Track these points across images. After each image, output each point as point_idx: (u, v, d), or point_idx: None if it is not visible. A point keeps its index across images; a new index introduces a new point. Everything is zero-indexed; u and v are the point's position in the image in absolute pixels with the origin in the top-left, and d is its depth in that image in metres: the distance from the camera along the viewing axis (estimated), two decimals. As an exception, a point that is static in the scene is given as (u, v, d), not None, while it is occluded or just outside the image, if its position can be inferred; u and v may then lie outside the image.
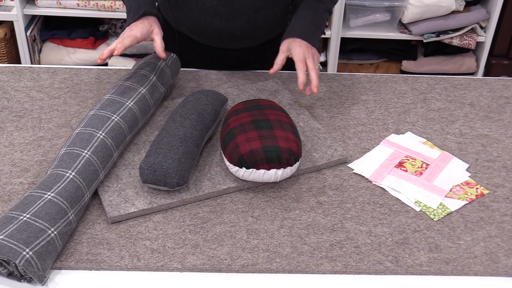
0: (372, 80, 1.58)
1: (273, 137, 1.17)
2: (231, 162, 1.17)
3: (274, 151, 1.15)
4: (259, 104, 1.27)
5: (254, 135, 1.17)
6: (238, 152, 1.15)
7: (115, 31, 2.80)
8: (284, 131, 1.19)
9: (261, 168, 1.15)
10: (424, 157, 1.30)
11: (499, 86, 1.59)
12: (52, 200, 1.05)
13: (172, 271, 1.03)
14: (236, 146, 1.16)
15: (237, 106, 1.28)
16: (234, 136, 1.18)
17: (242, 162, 1.15)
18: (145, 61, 1.41)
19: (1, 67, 1.56)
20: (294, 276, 1.04)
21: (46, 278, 0.99)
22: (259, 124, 1.19)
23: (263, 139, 1.16)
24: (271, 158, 1.15)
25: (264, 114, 1.23)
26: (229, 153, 1.17)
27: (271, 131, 1.18)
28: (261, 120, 1.21)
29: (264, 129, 1.18)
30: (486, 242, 1.11)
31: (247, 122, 1.20)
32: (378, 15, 2.75)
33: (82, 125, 1.20)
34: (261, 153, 1.15)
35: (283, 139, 1.17)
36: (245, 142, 1.16)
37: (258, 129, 1.18)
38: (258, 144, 1.15)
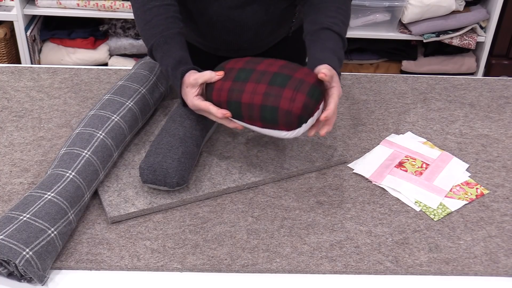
0: (372, 80, 1.58)
1: (302, 81, 1.13)
2: (291, 128, 1.13)
3: (315, 89, 1.13)
4: (241, 68, 1.20)
5: (290, 92, 1.12)
6: (294, 115, 1.11)
7: (115, 31, 2.79)
8: (296, 70, 1.16)
9: (314, 112, 1.13)
10: (424, 157, 1.30)
11: (499, 86, 1.59)
12: (52, 200, 1.05)
13: (172, 271, 1.03)
14: (288, 113, 1.11)
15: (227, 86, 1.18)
16: (276, 106, 1.12)
17: (301, 120, 1.12)
18: (145, 61, 1.41)
19: (1, 67, 1.56)
20: (294, 276, 1.04)
21: (46, 278, 0.99)
22: (278, 81, 1.14)
23: (300, 89, 1.12)
24: (318, 97, 1.13)
25: (264, 72, 1.17)
26: (285, 122, 1.12)
27: (293, 78, 1.14)
28: (273, 77, 1.15)
29: (287, 81, 1.14)
30: (486, 242, 1.11)
31: (267, 88, 1.14)
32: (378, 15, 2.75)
33: (82, 125, 1.21)
34: (310, 100, 1.12)
35: (306, 76, 1.15)
36: (292, 102, 1.11)
37: (285, 86, 1.13)
38: (302, 95, 1.12)
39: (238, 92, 1.16)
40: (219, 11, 1.39)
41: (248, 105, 1.14)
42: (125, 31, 2.79)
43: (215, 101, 1.18)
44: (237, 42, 1.47)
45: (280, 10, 1.43)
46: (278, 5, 1.42)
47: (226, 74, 1.19)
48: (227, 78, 1.18)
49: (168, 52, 1.24)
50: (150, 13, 1.26)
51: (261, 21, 1.42)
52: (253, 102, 1.13)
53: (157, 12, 1.26)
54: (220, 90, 1.18)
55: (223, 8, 1.38)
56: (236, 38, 1.45)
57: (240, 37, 1.45)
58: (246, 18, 1.40)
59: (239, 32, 1.43)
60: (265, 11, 1.41)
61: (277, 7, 1.42)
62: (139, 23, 1.28)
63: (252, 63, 1.20)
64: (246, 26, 1.42)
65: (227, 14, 1.39)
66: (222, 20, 1.41)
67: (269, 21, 1.44)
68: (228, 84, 1.17)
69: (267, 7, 1.40)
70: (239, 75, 1.18)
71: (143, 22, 1.27)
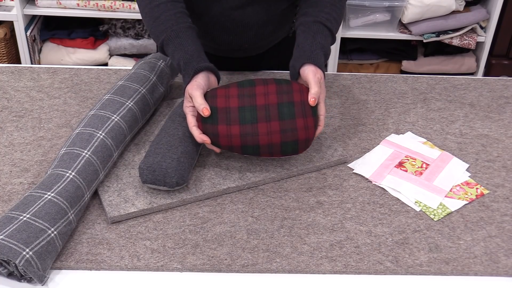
0: (372, 80, 1.58)
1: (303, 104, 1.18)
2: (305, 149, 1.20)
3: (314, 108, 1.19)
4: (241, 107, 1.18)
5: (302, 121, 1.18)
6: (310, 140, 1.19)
7: (115, 31, 2.80)
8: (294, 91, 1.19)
9: None
10: (424, 157, 1.30)
11: (499, 86, 1.59)
12: (52, 200, 1.05)
13: (172, 271, 1.03)
14: (307, 140, 1.18)
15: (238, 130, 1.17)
16: (295, 140, 1.17)
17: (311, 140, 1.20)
18: (145, 61, 1.41)
19: (1, 67, 1.56)
20: (294, 276, 1.04)
21: (46, 278, 0.99)
22: (287, 113, 1.17)
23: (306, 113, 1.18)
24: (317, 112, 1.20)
25: (270, 106, 1.18)
26: (303, 149, 1.19)
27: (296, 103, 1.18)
28: (280, 109, 1.17)
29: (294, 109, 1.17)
30: (486, 242, 1.11)
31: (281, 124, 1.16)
32: (378, 15, 2.75)
33: (82, 125, 1.21)
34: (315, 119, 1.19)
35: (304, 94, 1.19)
36: (306, 131, 1.17)
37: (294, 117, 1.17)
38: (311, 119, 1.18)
39: (252, 136, 1.16)
40: (220, 11, 1.39)
41: (268, 145, 1.16)
42: (125, 31, 2.79)
43: (223, 146, 1.18)
44: (238, 42, 1.47)
45: (281, 10, 1.43)
46: (278, 5, 1.42)
47: (225, 115, 1.17)
48: (231, 121, 1.16)
49: (180, 45, 1.23)
50: (158, 9, 1.27)
51: (262, 21, 1.43)
52: (272, 142, 1.16)
53: (165, 8, 1.26)
54: (229, 136, 1.16)
55: (224, 8, 1.38)
56: (237, 38, 1.45)
57: (240, 37, 1.45)
58: (247, 18, 1.40)
59: (240, 32, 1.43)
60: (265, 11, 1.41)
61: (277, 7, 1.42)
62: (148, 20, 1.29)
63: (247, 97, 1.18)
64: (246, 26, 1.42)
65: (228, 14, 1.39)
66: (223, 20, 1.41)
67: (269, 21, 1.44)
68: (236, 129, 1.16)
69: (267, 7, 1.40)
70: (243, 116, 1.17)
71: (151, 19, 1.28)
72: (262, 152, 1.17)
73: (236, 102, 1.18)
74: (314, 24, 1.29)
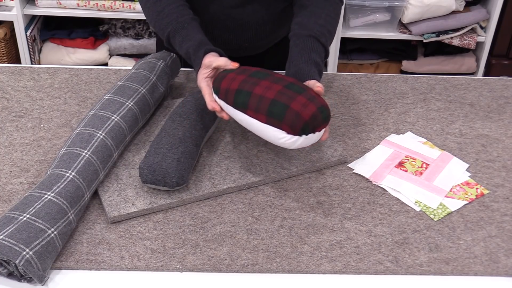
0: (372, 80, 1.58)
1: (314, 98, 1.12)
2: (292, 132, 1.10)
3: (325, 110, 1.12)
4: (258, 70, 1.19)
5: (304, 99, 1.11)
6: (302, 119, 1.08)
7: (115, 31, 2.80)
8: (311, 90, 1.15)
9: (317, 130, 1.11)
10: (424, 157, 1.30)
11: (499, 86, 1.59)
12: (52, 200, 1.05)
13: (172, 271, 1.03)
14: (297, 114, 1.08)
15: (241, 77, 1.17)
16: (287, 104, 1.10)
17: (305, 128, 1.09)
18: (145, 61, 1.41)
19: (1, 67, 1.56)
20: (294, 276, 1.04)
21: (46, 278, 0.99)
22: (294, 88, 1.13)
23: (312, 102, 1.11)
24: (325, 118, 1.12)
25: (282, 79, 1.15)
26: (290, 122, 1.08)
27: (307, 92, 1.13)
28: (290, 84, 1.14)
29: (302, 92, 1.12)
30: (486, 242, 1.11)
31: (282, 88, 1.12)
32: (378, 15, 2.75)
33: (82, 125, 1.21)
34: (319, 115, 1.10)
35: (319, 97, 1.14)
36: (303, 107, 1.10)
37: (300, 93, 1.12)
38: (313, 107, 1.10)
39: (252, 84, 1.13)
40: (219, 10, 1.39)
41: (259, 96, 1.11)
42: (125, 31, 2.79)
43: (222, 87, 1.16)
44: (238, 41, 1.47)
45: (280, 9, 1.43)
46: (278, 5, 1.42)
47: (241, 70, 1.18)
48: (243, 73, 1.17)
49: (188, 36, 1.26)
50: (160, 3, 1.29)
51: (261, 20, 1.43)
52: (265, 95, 1.11)
53: (167, 2, 1.29)
54: (233, 79, 1.16)
55: (224, 7, 1.38)
56: (237, 37, 1.45)
57: (240, 36, 1.45)
58: (246, 17, 1.41)
59: (240, 31, 1.43)
60: (265, 10, 1.41)
61: (277, 7, 1.42)
62: (151, 14, 1.31)
63: (269, 71, 1.18)
64: (246, 25, 1.42)
65: (227, 13, 1.39)
66: (223, 19, 1.41)
67: (269, 21, 1.44)
68: (242, 77, 1.16)
69: (267, 6, 1.40)
70: (256, 74, 1.16)
71: (155, 13, 1.30)
72: (251, 102, 1.11)
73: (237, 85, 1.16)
74: (308, 39, 1.28)
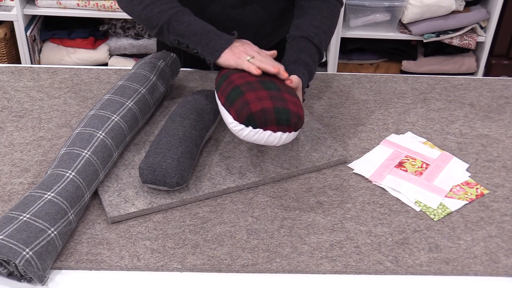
0: (372, 80, 1.58)
1: (283, 99, 1.13)
2: (238, 119, 1.11)
3: (285, 113, 1.11)
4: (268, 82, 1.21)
5: (264, 94, 1.12)
6: (248, 109, 1.10)
7: (115, 31, 2.80)
8: (291, 95, 1.16)
9: (268, 129, 1.10)
10: (424, 157, 1.30)
11: (499, 86, 1.59)
12: (52, 200, 1.05)
13: (172, 271, 1.03)
14: (246, 103, 1.10)
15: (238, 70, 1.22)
16: (243, 92, 1.12)
17: (250, 120, 1.10)
18: (145, 61, 1.41)
19: (1, 67, 1.56)
20: (294, 276, 1.04)
21: (46, 278, 0.99)
22: (267, 85, 1.15)
23: (274, 100, 1.12)
24: (281, 119, 1.10)
25: (268, 76, 1.19)
26: (237, 110, 1.11)
27: (279, 93, 1.14)
28: (268, 81, 1.16)
29: (273, 90, 1.14)
30: (486, 242, 1.11)
31: (254, 81, 1.16)
32: (378, 15, 2.75)
33: (82, 125, 1.21)
34: (272, 113, 1.10)
35: (291, 102, 1.13)
36: (256, 100, 1.11)
37: (267, 89, 1.14)
38: (269, 103, 1.11)
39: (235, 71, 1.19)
40: (219, 10, 1.39)
41: (230, 81, 1.16)
42: (125, 31, 2.79)
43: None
44: None
45: (280, 9, 1.43)
46: (277, 5, 1.42)
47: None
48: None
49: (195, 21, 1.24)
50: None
51: (261, 20, 1.43)
52: (235, 81, 1.16)
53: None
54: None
55: (223, 7, 1.38)
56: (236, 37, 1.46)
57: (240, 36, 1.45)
58: (246, 17, 1.41)
59: (239, 31, 1.43)
60: (265, 10, 1.41)
61: (276, 7, 1.42)
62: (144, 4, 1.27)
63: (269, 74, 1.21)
64: (246, 25, 1.42)
65: (227, 13, 1.39)
66: (222, 20, 1.41)
67: (269, 21, 1.44)
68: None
69: (267, 7, 1.40)
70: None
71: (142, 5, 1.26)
72: (222, 85, 1.17)
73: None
74: (301, 40, 1.29)
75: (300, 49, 1.28)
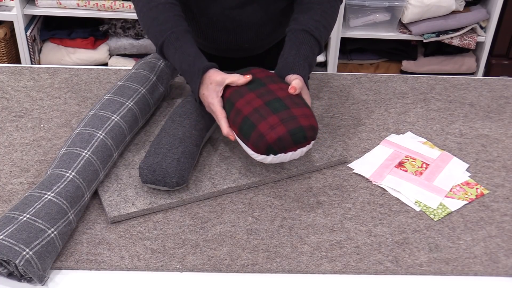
0: (372, 80, 1.58)
1: (294, 118, 1.14)
2: (257, 151, 1.14)
3: (300, 132, 1.13)
4: (258, 78, 1.22)
5: (276, 120, 1.13)
6: (265, 142, 1.12)
7: (115, 31, 2.80)
8: (299, 107, 1.16)
9: (289, 151, 1.14)
10: (424, 157, 1.30)
11: (499, 86, 1.59)
12: (52, 200, 1.05)
13: (172, 271, 1.03)
14: (261, 136, 1.13)
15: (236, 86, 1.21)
16: (255, 125, 1.14)
17: (270, 150, 1.13)
18: (145, 61, 1.41)
19: (1, 67, 1.56)
20: (294, 276, 1.04)
21: (46, 278, 0.99)
22: (274, 106, 1.15)
23: (286, 123, 1.13)
24: (298, 140, 1.13)
25: (271, 92, 1.18)
26: (254, 143, 1.14)
27: (288, 111, 1.15)
28: (273, 100, 1.16)
29: (281, 110, 1.15)
30: (486, 242, 1.11)
31: (260, 106, 1.16)
32: (378, 15, 2.75)
33: (82, 125, 1.21)
34: (288, 138, 1.12)
35: (302, 117, 1.14)
36: (270, 130, 1.12)
37: (276, 112, 1.14)
38: (283, 129, 1.12)
39: (238, 95, 1.18)
40: (219, 11, 1.39)
41: (238, 110, 1.16)
42: (125, 31, 2.79)
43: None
44: (238, 42, 1.47)
45: (280, 9, 1.43)
46: (277, 5, 1.42)
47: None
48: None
49: (181, 48, 1.23)
50: (156, 10, 1.26)
51: (261, 20, 1.43)
52: (242, 110, 1.16)
53: (163, 9, 1.26)
54: (228, 87, 1.20)
55: (223, 8, 1.38)
56: (236, 38, 1.45)
57: (240, 37, 1.45)
58: (246, 17, 1.40)
59: (239, 32, 1.43)
60: (265, 10, 1.41)
61: (276, 7, 1.42)
62: (146, 20, 1.28)
63: (270, 79, 1.21)
64: (246, 26, 1.42)
65: (227, 14, 1.39)
66: (222, 20, 1.41)
67: (269, 21, 1.44)
68: (237, 86, 1.20)
69: (267, 7, 1.40)
70: (251, 82, 1.20)
71: (149, 20, 1.27)
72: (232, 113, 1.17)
73: (262, 76, 1.21)
74: (301, 33, 1.29)
75: (300, 42, 1.28)
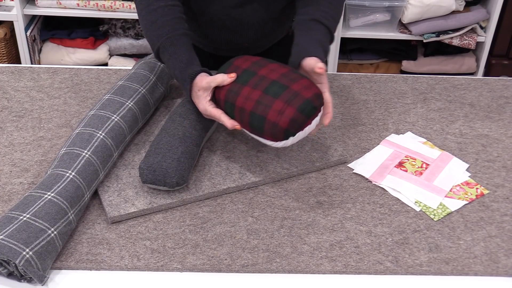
0: (372, 80, 1.58)
1: (296, 94, 1.13)
2: (276, 139, 1.14)
3: (308, 105, 1.12)
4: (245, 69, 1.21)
5: (280, 104, 1.13)
6: (280, 128, 1.12)
7: (115, 31, 2.79)
8: (296, 81, 1.15)
9: (305, 126, 1.13)
10: (424, 157, 1.30)
11: (499, 86, 1.59)
12: (52, 200, 1.05)
13: (172, 271, 1.03)
14: (274, 125, 1.12)
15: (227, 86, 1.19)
16: (263, 117, 1.13)
17: (287, 134, 1.12)
18: (145, 61, 1.41)
19: (1, 67, 1.56)
20: (294, 276, 1.04)
21: (46, 278, 0.99)
22: (273, 91, 1.15)
23: (291, 103, 1.12)
24: (309, 113, 1.13)
25: (264, 78, 1.17)
26: (270, 134, 1.13)
27: (288, 90, 1.14)
28: (269, 85, 1.16)
29: (281, 92, 1.14)
30: (486, 242, 1.11)
31: (260, 95, 1.15)
32: (378, 15, 2.75)
33: (82, 125, 1.21)
34: (299, 115, 1.12)
35: (303, 89, 1.14)
36: (280, 115, 1.12)
37: (277, 97, 1.13)
38: (291, 110, 1.12)
39: (234, 94, 1.17)
40: (219, 10, 1.39)
41: (240, 109, 1.16)
42: (125, 31, 2.79)
43: (215, 98, 1.20)
44: (238, 41, 1.47)
45: (280, 8, 1.43)
46: (278, 4, 1.42)
47: (231, 73, 1.20)
48: None
49: (175, 54, 1.24)
50: (155, 14, 1.26)
51: (262, 19, 1.43)
52: (245, 107, 1.15)
53: (162, 13, 1.26)
54: (220, 88, 1.19)
55: (224, 7, 1.38)
56: (237, 37, 1.45)
57: (240, 36, 1.45)
58: (246, 17, 1.40)
59: (240, 31, 1.43)
60: (265, 9, 1.41)
61: (277, 6, 1.42)
62: (145, 24, 1.29)
63: (257, 65, 1.20)
64: (246, 25, 1.42)
65: (227, 13, 1.39)
66: (223, 19, 1.41)
67: (269, 20, 1.44)
68: (228, 85, 1.19)
69: (267, 6, 1.40)
70: (241, 76, 1.19)
71: (148, 23, 1.27)
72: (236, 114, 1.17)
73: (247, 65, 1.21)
74: (310, 22, 1.28)
75: (311, 29, 1.27)
